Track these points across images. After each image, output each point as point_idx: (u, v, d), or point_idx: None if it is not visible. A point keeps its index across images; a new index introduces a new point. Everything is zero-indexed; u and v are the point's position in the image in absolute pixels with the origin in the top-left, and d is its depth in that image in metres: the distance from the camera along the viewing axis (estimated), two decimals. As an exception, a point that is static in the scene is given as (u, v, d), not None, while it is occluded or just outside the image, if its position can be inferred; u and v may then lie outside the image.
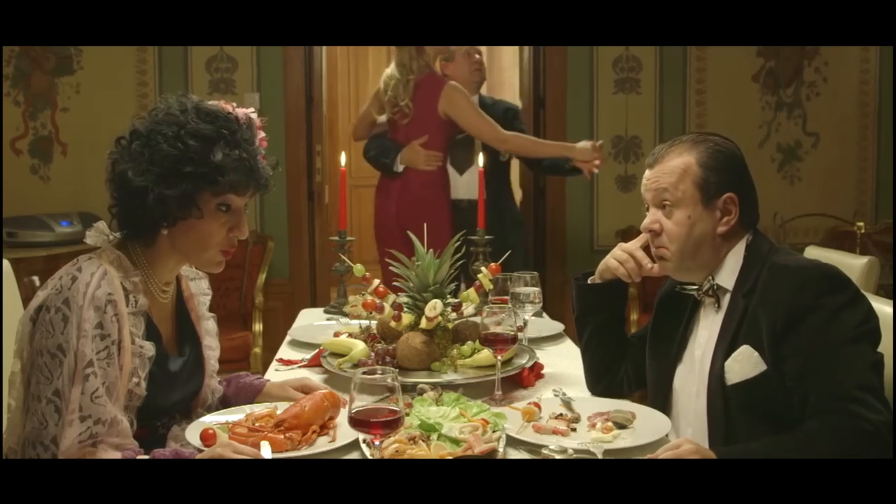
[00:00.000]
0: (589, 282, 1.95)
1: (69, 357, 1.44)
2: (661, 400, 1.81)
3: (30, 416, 1.46)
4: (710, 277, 1.72)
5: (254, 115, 1.67)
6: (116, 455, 1.46)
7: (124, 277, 1.55)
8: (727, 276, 1.71)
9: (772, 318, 1.59)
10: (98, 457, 1.44)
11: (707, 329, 1.74)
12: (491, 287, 2.17)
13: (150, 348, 1.56)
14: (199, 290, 1.82)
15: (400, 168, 3.59)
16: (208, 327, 1.81)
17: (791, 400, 1.58)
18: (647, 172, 1.76)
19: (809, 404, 1.55)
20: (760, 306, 1.62)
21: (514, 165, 5.47)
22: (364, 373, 1.47)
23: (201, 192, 1.56)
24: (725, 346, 1.66)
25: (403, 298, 2.08)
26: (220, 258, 1.65)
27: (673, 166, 1.71)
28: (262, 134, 1.68)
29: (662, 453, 1.44)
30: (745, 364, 1.62)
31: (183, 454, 1.48)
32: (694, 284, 1.76)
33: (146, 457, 1.48)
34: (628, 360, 1.96)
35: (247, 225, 1.66)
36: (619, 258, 1.85)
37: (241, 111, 1.64)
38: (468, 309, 2.10)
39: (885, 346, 1.69)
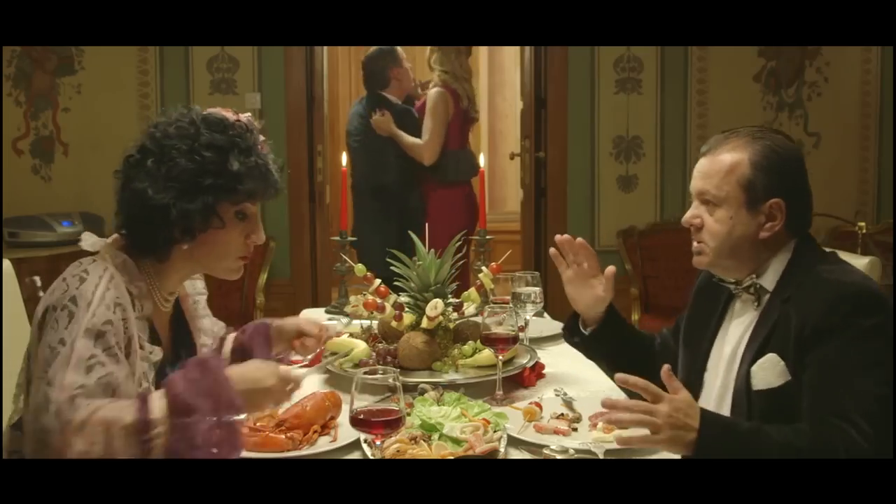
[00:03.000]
0: (582, 328, 1.94)
1: (67, 347, 1.40)
2: (692, 390, 1.77)
3: (28, 408, 1.42)
4: (754, 276, 1.68)
5: (252, 120, 1.66)
6: (116, 409, 1.37)
7: (129, 282, 1.53)
8: (770, 278, 1.67)
9: (800, 328, 1.56)
10: (102, 412, 1.35)
11: (740, 326, 1.71)
12: (492, 287, 2.17)
13: (157, 352, 1.55)
14: (195, 290, 1.81)
15: None
16: (203, 326, 1.80)
17: None
18: (700, 161, 1.71)
19: (805, 411, 1.54)
20: (794, 315, 1.59)
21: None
22: (365, 373, 1.47)
23: (221, 203, 1.55)
24: (755, 350, 1.63)
25: (404, 298, 2.08)
26: (238, 265, 1.64)
27: (722, 161, 1.66)
28: (262, 137, 1.67)
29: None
30: (769, 372, 1.60)
31: (209, 364, 1.43)
32: (731, 279, 1.73)
33: (158, 391, 1.41)
34: (664, 361, 1.92)
35: (262, 230, 1.65)
36: None
37: (243, 116, 1.63)
38: (469, 309, 2.10)
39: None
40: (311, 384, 1.94)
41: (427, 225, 3.93)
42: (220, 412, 1.39)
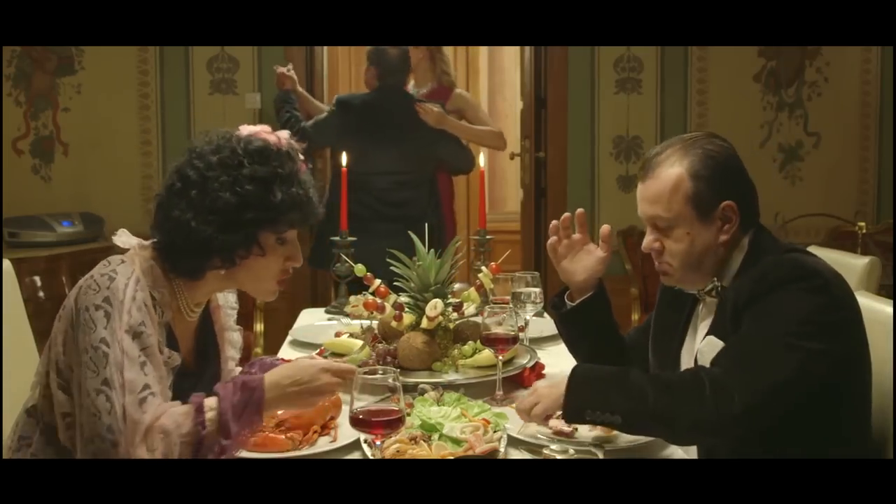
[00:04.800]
0: (567, 299, 1.91)
1: (114, 347, 1.42)
2: None
3: (83, 411, 1.43)
4: (715, 279, 1.68)
5: (292, 141, 1.63)
6: (178, 407, 1.44)
7: (153, 287, 1.53)
8: (730, 277, 1.67)
9: (734, 303, 1.57)
10: (164, 420, 1.41)
11: (706, 328, 1.71)
12: (492, 287, 2.17)
13: (176, 357, 1.55)
14: (227, 302, 1.81)
15: None
16: (232, 339, 1.80)
17: None
18: (640, 186, 1.69)
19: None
20: (732, 296, 1.60)
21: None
22: (365, 373, 1.47)
23: (263, 233, 1.55)
24: None
25: (404, 298, 2.08)
26: (275, 288, 1.63)
27: (664, 181, 1.64)
28: (301, 157, 1.64)
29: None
30: (707, 356, 1.58)
31: (250, 383, 1.46)
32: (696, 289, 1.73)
33: (213, 397, 1.45)
34: (635, 361, 1.93)
35: (300, 253, 1.64)
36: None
37: (284, 140, 1.60)
38: (469, 309, 2.10)
39: (885, 347, 1.69)
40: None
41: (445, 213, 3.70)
42: (254, 433, 1.49)
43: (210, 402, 1.44)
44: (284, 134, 1.61)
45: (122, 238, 1.60)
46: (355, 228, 2.78)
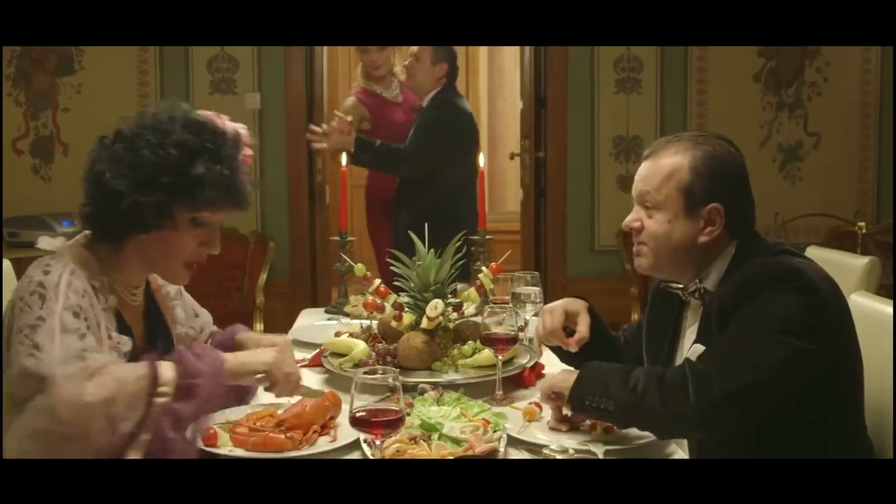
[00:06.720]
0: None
1: (51, 320, 1.41)
2: None
3: (12, 378, 1.41)
4: (698, 280, 1.68)
5: (244, 131, 1.63)
6: (126, 366, 1.45)
7: (91, 277, 1.53)
8: (713, 280, 1.66)
9: (719, 309, 1.57)
10: (105, 372, 1.39)
11: (694, 332, 1.70)
12: (492, 287, 2.17)
13: (126, 342, 1.56)
14: (165, 281, 1.78)
15: None
16: (177, 314, 1.79)
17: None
18: (642, 165, 1.71)
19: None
20: (716, 302, 1.59)
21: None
22: (365, 373, 1.47)
23: (177, 205, 1.53)
24: None
25: (404, 298, 2.08)
26: (184, 273, 1.62)
27: (662, 165, 1.66)
28: (248, 151, 1.64)
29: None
30: None
31: (185, 356, 1.48)
32: (679, 284, 1.72)
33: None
34: (628, 360, 1.93)
35: (219, 241, 1.62)
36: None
37: (230, 125, 1.61)
38: (469, 309, 2.10)
39: (884, 347, 1.69)
40: (311, 384, 1.94)
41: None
42: (221, 377, 1.51)
43: (166, 362, 1.46)
44: (235, 124, 1.62)
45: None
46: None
